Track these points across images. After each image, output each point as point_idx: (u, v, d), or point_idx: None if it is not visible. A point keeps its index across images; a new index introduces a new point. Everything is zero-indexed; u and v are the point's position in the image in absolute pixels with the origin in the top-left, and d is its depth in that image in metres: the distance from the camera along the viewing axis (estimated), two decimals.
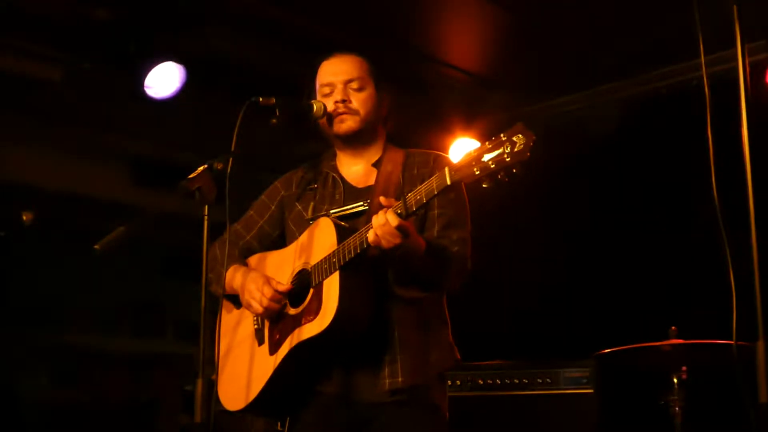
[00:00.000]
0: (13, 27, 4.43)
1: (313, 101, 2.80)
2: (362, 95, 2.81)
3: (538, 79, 5.22)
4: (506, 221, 5.09)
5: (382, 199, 2.46)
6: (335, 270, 2.53)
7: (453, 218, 2.72)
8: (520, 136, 2.19)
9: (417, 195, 2.39)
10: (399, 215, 2.39)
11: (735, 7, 1.95)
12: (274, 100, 2.66)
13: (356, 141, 2.84)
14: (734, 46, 1.94)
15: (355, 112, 2.79)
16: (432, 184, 2.36)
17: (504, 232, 5.12)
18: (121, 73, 4.52)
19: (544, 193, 5.00)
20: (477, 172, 2.24)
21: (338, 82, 2.80)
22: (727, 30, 1.96)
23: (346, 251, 2.51)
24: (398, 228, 2.39)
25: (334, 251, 2.55)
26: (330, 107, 2.79)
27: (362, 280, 2.56)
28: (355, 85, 2.81)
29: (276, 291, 2.68)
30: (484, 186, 2.26)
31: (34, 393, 5.72)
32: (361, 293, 2.56)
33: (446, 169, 2.32)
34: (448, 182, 2.31)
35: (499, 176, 2.22)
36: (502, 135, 2.22)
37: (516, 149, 2.18)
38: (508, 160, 2.19)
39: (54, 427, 5.74)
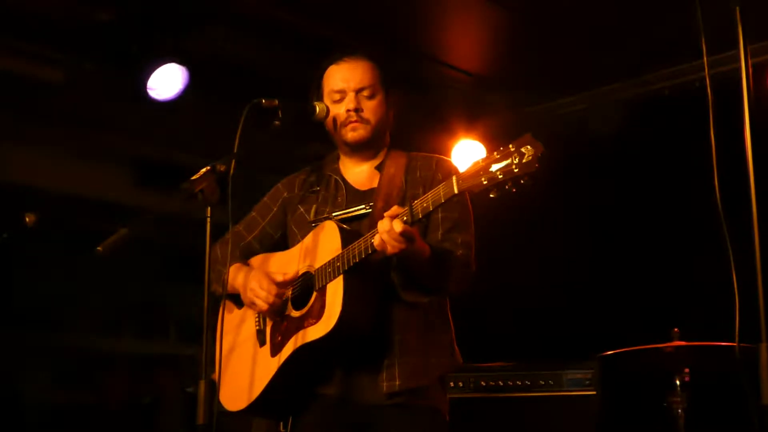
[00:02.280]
0: (14, 28, 4.43)
1: (315, 103, 2.80)
2: (373, 103, 2.80)
3: (539, 79, 5.21)
4: (507, 222, 5.08)
5: (392, 210, 2.46)
6: (339, 274, 2.54)
7: (457, 221, 2.72)
8: (529, 147, 2.19)
9: (423, 203, 2.39)
10: (405, 222, 2.39)
11: (737, 8, 1.95)
12: (276, 102, 2.66)
13: (365, 148, 2.84)
14: (737, 47, 1.94)
15: (366, 122, 2.78)
16: (439, 192, 2.36)
17: (505, 234, 5.11)
18: (123, 75, 4.52)
19: (546, 195, 4.98)
20: (485, 182, 2.24)
21: (350, 90, 2.78)
22: (729, 31, 1.96)
23: (351, 256, 2.52)
24: (404, 234, 2.39)
25: (338, 255, 2.55)
26: (341, 115, 2.77)
27: (366, 284, 2.56)
28: (366, 93, 2.79)
29: (278, 284, 2.68)
30: (491, 196, 2.26)
31: (36, 393, 5.72)
32: (365, 297, 2.56)
33: (453, 178, 2.32)
34: (456, 191, 2.32)
35: (507, 187, 2.23)
36: (510, 146, 2.22)
37: (524, 160, 2.18)
38: (516, 171, 2.19)
39: (56, 427, 5.73)
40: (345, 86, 2.79)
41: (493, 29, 4.78)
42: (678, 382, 3.78)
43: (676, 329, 3.71)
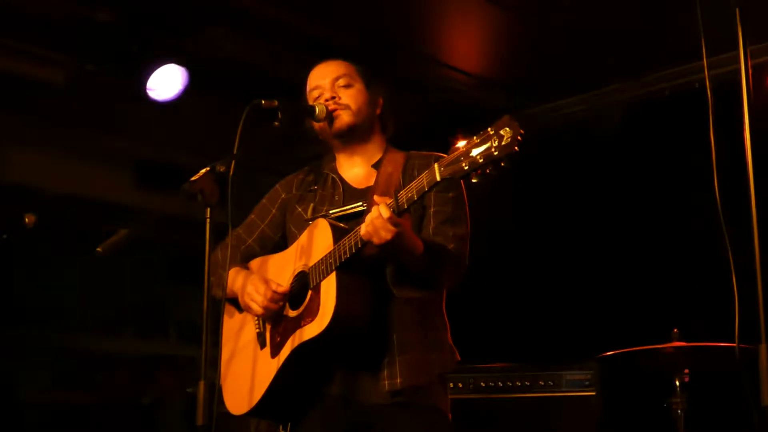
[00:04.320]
0: (15, 28, 4.43)
1: (314, 104, 2.81)
2: (350, 91, 2.83)
3: (539, 80, 5.22)
4: (508, 222, 5.09)
5: (375, 197, 2.47)
6: (332, 271, 2.54)
7: (450, 215, 2.72)
8: (507, 129, 2.19)
9: (408, 192, 2.39)
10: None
11: (737, 9, 1.95)
12: (276, 103, 2.67)
13: (353, 138, 2.84)
14: (737, 48, 1.94)
15: (345, 107, 2.80)
16: (422, 180, 2.36)
17: (506, 233, 5.12)
18: (124, 75, 4.52)
19: (547, 195, 5.00)
20: (465, 167, 2.24)
21: (325, 83, 2.83)
22: (729, 32, 1.96)
23: (342, 251, 2.52)
24: (390, 221, 2.38)
25: (330, 252, 2.55)
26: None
27: (359, 280, 2.56)
28: (342, 82, 2.83)
29: (274, 292, 2.68)
30: (473, 181, 2.27)
31: (36, 393, 5.72)
32: (359, 293, 2.56)
33: (435, 165, 2.32)
34: (438, 178, 2.32)
35: (488, 170, 2.23)
36: (489, 129, 2.22)
37: (503, 142, 2.18)
38: (495, 153, 2.19)
39: (56, 427, 5.74)
40: (320, 81, 2.85)
41: (493, 30, 4.79)
42: (678, 383, 3.78)
43: (675, 330, 3.71)
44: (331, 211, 2.77)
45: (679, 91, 4.96)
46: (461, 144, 2.28)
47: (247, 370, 2.77)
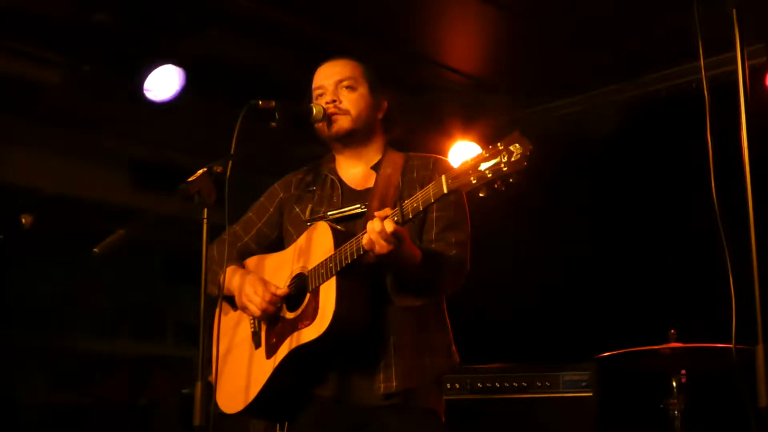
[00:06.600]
0: (12, 29, 4.43)
1: (312, 104, 2.80)
2: (353, 95, 2.81)
3: (537, 81, 5.22)
4: (506, 223, 5.08)
5: (377, 209, 2.46)
6: (332, 275, 2.53)
7: (452, 220, 2.71)
8: (517, 145, 2.19)
9: (414, 203, 2.39)
10: (396, 222, 2.39)
11: (734, 10, 1.95)
12: (273, 103, 2.66)
13: (351, 142, 2.84)
14: (734, 49, 1.94)
15: (345, 112, 2.79)
16: (429, 191, 2.36)
17: (503, 234, 5.12)
18: (121, 76, 4.52)
19: (544, 196, 4.99)
20: (474, 181, 2.24)
21: (329, 84, 2.81)
22: (726, 33, 1.96)
23: (343, 257, 2.51)
24: (393, 234, 2.38)
25: (331, 256, 2.55)
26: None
27: (359, 285, 2.56)
28: (346, 83, 2.81)
29: (273, 294, 2.68)
30: (480, 195, 2.26)
31: (33, 395, 5.72)
32: (358, 298, 2.56)
33: (443, 178, 2.32)
34: (445, 191, 2.32)
35: (496, 185, 2.23)
36: (499, 144, 2.22)
37: (513, 158, 2.18)
38: (505, 169, 2.19)
39: (53, 428, 5.73)
40: (324, 81, 2.83)
41: (490, 31, 4.79)
42: (675, 384, 3.79)
43: (672, 331, 3.72)
44: (329, 213, 2.76)
45: (676, 91, 4.96)
46: (470, 157, 2.28)
47: (241, 369, 2.77)
